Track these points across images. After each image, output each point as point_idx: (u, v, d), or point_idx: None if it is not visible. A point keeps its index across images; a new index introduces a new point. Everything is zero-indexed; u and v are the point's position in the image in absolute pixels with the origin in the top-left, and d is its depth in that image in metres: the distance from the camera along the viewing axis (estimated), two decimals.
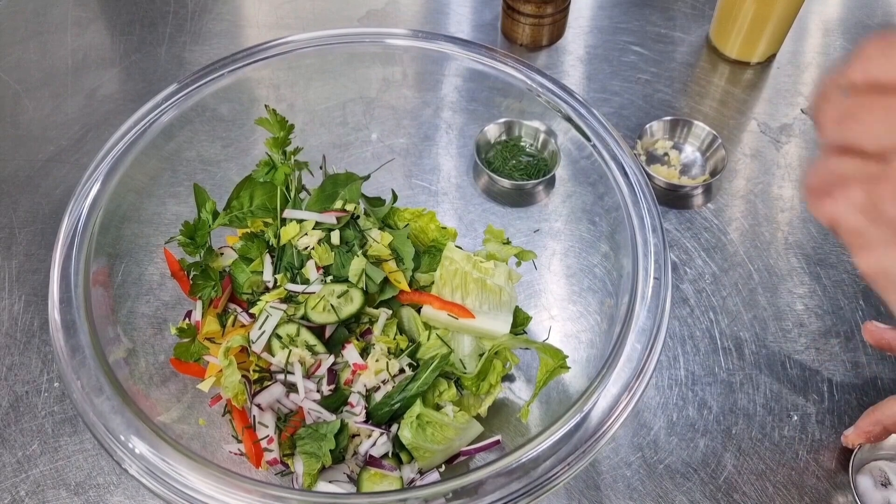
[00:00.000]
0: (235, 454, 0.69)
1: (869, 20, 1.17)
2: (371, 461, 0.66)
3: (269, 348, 0.70)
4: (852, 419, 0.78)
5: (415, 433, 0.66)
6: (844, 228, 0.40)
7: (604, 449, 0.62)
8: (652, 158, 1.00)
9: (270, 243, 0.77)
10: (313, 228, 0.76)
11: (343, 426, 0.67)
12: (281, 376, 0.69)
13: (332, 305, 0.71)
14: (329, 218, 0.76)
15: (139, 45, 1.13)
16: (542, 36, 1.12)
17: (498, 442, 0.70)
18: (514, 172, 0.93)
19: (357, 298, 0.71)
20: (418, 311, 0.74)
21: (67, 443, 0.75)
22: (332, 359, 0.70)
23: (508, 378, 0.76)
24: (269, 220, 0.78)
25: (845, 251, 0.90)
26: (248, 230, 0.78)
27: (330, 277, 0.74)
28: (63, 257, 0.63)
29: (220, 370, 0.69)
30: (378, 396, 0.69)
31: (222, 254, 0.79)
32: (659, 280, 0.62)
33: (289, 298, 0.73)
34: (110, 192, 0.68)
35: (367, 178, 0.80)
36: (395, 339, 0.72)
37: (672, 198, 0.95)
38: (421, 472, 0.68)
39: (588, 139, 0.71)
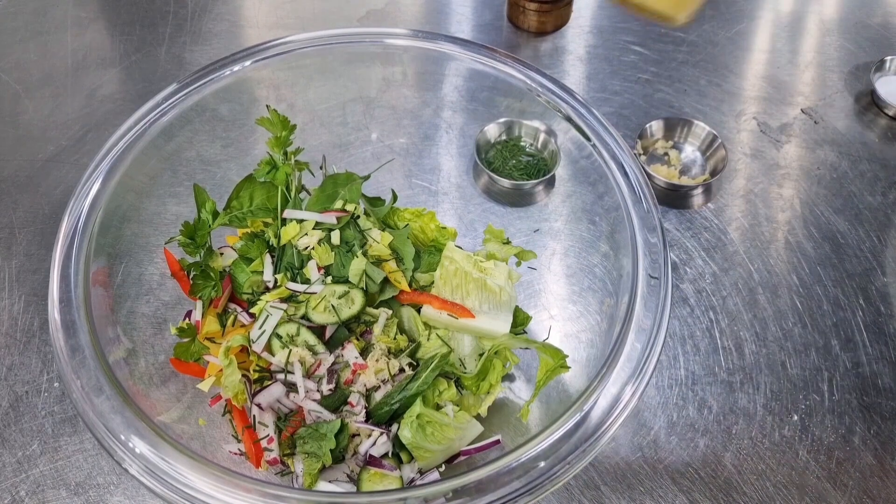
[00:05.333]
0: (235, 454, 0.69)
1: (868, 20, 1.17)
2: (371, 461, 0.66)
3: (269, 348, 0.70)
4: (852, 419, 0.78)
5: (415, 433, 0.66)
6: None
7: (604, 449, 0.62)
8: (652, 158, 1.00)
9: (270, 243, 0.77)
10: (313, 228, 0.76)
11: (343, 426, 0.67)
12: (281, 376, 0.69)
13: (332, 306, 0.71)
14: (329, 218, 0.76)
15: (139, 45, 1.13)
16: (548, 22, 1.12)
17: (498, 441, 0.70)
18: (514, 172, 0.93)
19: (358, 300, 0.71)
20: (418, 310, 0.74)
21: (67, 443, 0.75)
22: (332, 358, 0.70)
23: (508, 378, 0.76)
24: (270, 220, 0.78)
25: (844, 250, 0.90)
26: (249, 230, 0.78)
27: (330, 277, 0.74)
28: (63, 257, 0.63)
29: (221, 370, 0.69)
30: (378, 396, 0.69)
31: (222, 254, 0.79)
32: (659, 280, 0.62)
33: (289, 298, 0.73)
34: (110, 192, 0.68)
35: (367, 178, 0.80)
36: (395, 338, 0.72)
37: (672, 198, 0.95)
38: (421, 472, 0.68)
39: (588, 139, 0.71)
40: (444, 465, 0.69)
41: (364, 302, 0.71)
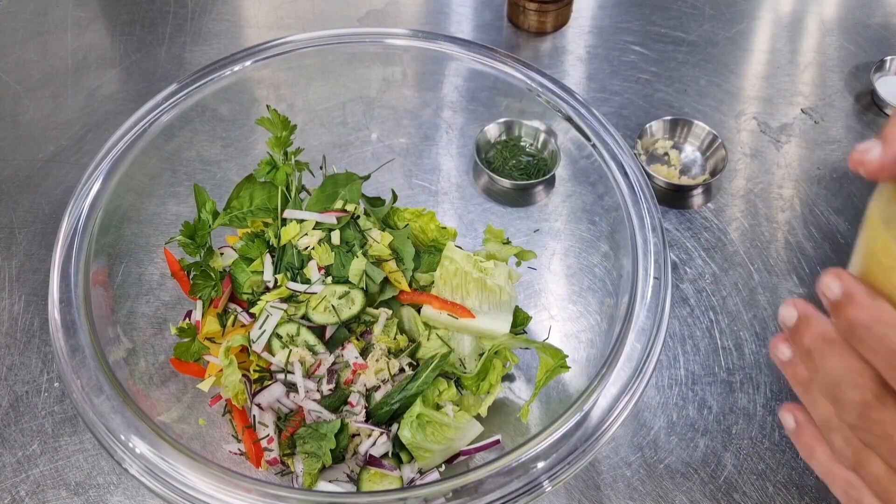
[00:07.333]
0: (235, 454, 0.69)
1: (868, 20, 1.17)
2: (371, 461, 0.66)
3: (269, 348, 0.70)
4: None
5: (415, 433, 0.66)
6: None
7: (604, 449, 0.62)
8: (652, 158, 1.00)
9: (271, 243, 0.77)
10: (314, 228, 0.76)
11: (343, 426, 0.67)
12: (281, 376, 0.69)
13: (332, 306, 0.71)
14: (329, 218, 0.76)
15: (139, 45, 1.13)
16: (547, 22, 1.12)
17: (498, 442, 0.70)
18: (514, 172, 0.93)
19: (358, 300, 0.71)
20: (418, 310, 0.74)
21: (67, 443, 0.75)
22: (332, 358, 0.70)
23: (508, 378, 0.76)
24: (270, 220, 0.79)
25: (844, 250, 0.90)
26: (249, 230, 0.78)
27: (330, 278, 0.74)
28: (63, 257, 0.63)
29: (221, 370, 0.69)
30: (378, 396, 0.69)
31: (222, 254, 0.79)
32: (659, 280, 0.62)
33: (289, 298, 0.73)
34: (110, 192, 0.68)
35: (367, 178, 0.80)
36: (395, 338, 0.72)
37: (672, 198, 0.95)
38: (421, 472, 0.68)
39: (588, 139, 0.71)
40: (444, 465, 0.69)
41: (364, 302, 0.71)
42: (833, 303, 0.37)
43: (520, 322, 0.76)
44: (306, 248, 0.75)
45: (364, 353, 0.71)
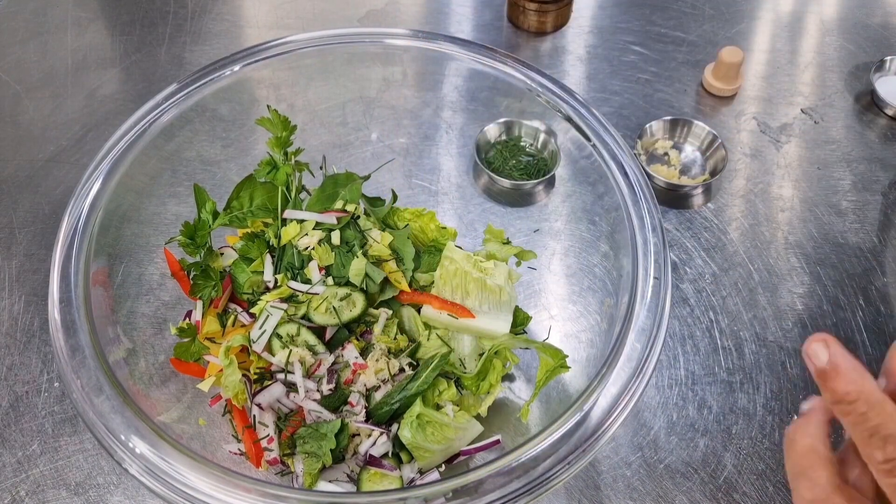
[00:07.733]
0: (235, 454, 0.69)
1: (868, 20, 1.17)
2: (371, 461, 0.66)
3: (269, 348, 0.70)
4: None
5: (415, 433, 0.66)
6: None
7: (604, 448, 0.62)
8: (652, 158, 1.00)
9: (271, 243, 0.77)
10: (314, 228, 0.76)
11: (343, 426, 0.67)
12: (281, 376, 0.69)
13: (333, 308, 0.71)
14: (329, 218, 0.76)
15: (139, 45, 1.13)
16: (547, 22, 1.12)
17: (498, 441, 0.70)
18: (514, 172, 0.93)
19: (359, 303, 0.71)
20: (418, 310, 0.74)
21: (67, 443, 0.75)
22: (332, 358, 0.70)
23: (508, 378, 0.76)
24: (270, 221, 0.79)
25: (844, 251, 0.90)
26: (249, 230, 0.78)
27: (330, 278, 0.74)
28: (63, 257, 0.63)
29: (221, 370, 0.69)
30: (378, 396, 0.69)
31: (222, 254, 0.79)
32: (659, 280, 0.62)
33: (289, 298, 0.73)
34: (110, 192, 0.68)
35: (367, 178, 0.80)
36: (395, 338, 0.72)
37: (672, 198, 0.95)
38: (421, 472, 0.68)
39: (588, 139, 0.71)
40: (444, 465, 0.69)
41: (365, 305, 0.71)
42: (819, 371, 0.37)
43: (520, 322, 0.76)
44: (306, 248, 0.75)
45: (364, 353, 0.71)
